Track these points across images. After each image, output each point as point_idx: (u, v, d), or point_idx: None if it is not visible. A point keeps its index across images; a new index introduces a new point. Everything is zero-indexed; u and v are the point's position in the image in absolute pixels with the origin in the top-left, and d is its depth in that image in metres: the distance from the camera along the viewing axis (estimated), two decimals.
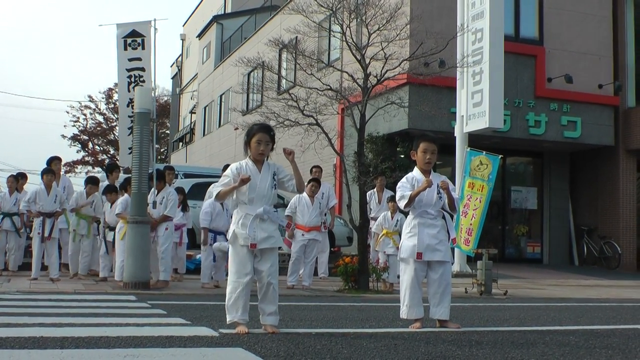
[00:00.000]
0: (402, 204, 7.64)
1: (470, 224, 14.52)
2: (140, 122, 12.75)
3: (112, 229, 13.63)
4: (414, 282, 7.56)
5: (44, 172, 13.95)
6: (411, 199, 7.54)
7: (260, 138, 6.85)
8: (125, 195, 13.58)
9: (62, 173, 15.76)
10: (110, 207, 13.77)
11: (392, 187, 15.61)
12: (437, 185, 7.63)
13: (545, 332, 7.56)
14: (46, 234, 13.59)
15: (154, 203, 14.07)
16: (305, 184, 13.73)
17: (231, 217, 12.99)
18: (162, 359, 5.01)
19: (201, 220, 13.31)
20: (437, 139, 7.94)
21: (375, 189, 15.45)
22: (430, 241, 7.55)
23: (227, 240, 13.09)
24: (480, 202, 14.69)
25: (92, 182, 14.67)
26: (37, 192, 13.84)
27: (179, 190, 14.16)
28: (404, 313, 7.59)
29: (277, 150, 7.13)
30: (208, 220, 13.21)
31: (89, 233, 14.21)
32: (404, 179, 7.76)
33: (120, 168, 16.73)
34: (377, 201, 15.30)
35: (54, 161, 15.12)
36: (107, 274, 13.71)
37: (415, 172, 7.80)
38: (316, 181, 13.96)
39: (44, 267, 13.86)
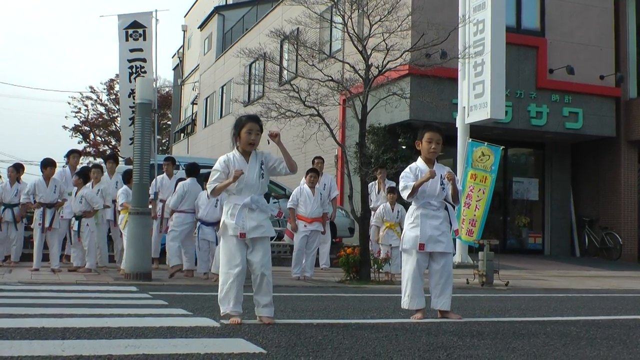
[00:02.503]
0: (405, 194, 7.62)
1: (474, 215, 14.51)
2: (142, 113, 12.74)
3: (78, 217, 13.61)
4: (416, 272, 7.56)
5: (44, 165, 13.91)
6: (414, 190, 7.53)
7: (250, 127, 6.82)
8: (125, 186, 13.62)
9: (78, 166, 15.71)
10: (75, 194, 13.71)
11: (394, 178, 15.65)
12: (441, 176, 7.62)
13: (546, 323, 7.56)
14: (47, 225, 13.58)
15: (156, 194, 14.12)
16: (305, 175, 13.78)
17: (221, 208, 13.15)
18: (164, 350, 5.01)
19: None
20: (442, 129, 7.90)
21: (376, 181, 15.45)
22: (433, 232, 7.54)
23: (214, 233, 13.29)
24: (483, 193, 14.68)
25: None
26: (36, 183, 13.84)
27: (181, 180, 14.17)
28: (405, 303, 7.59)
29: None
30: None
31: (98, 223, 14.19)
32: (407, 169, 7.74)
33: (121, 158, 16.77)
34: (377, 192, 15.28)
35: (72, 154, 15.21)
36: (79, 263, 13.69)
37: (419, 163, 7.77)
38: (314, 171, 13.95)
39: (45, 258, 13.88)
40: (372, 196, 15.18)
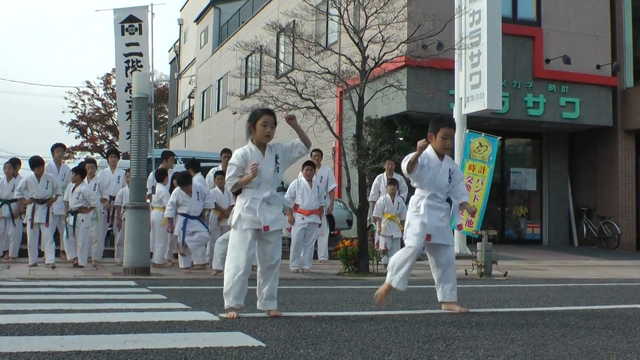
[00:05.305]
0: (404, 165, 7.42)
1: (473, 206, 14.51)
2: (139, 107, 12.72)
3: (74, 213, 13.61)
4: (414, 258, 7.48)
5: (32, 165, 13.87)
6: (412, 163, 7.35)
7: (266, 120, 6.78)
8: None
9: (63, 161, 15.67)
10: (73, 189, 13.70)
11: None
12: (449, 170, 7.52)
13: (545, 313, 7.57)
14: (36, 220, 13.52)
15: (153, 188, 14.12)
16: (301, 168, 13.77)
17: (202, 200, 13.23)
18: (163, 344, 5.01)
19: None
20: (454, 123, 7.82)
21: (384, 173, 15.47)
22: (438, 224, 7.45)
23: (203, 224, 13.31)
24: (482, 183, 14.69)
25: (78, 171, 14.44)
26: (28, 180, 13.80)
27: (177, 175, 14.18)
28: (395, 282, 7.48)
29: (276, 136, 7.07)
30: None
31: (97, 218, 14.18)
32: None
33: (120, 153, 16.76)
34: (385, 184, 15.25)
35: (56, 148, 15.10)
36: (73, 256, 13.73)
37: (429, 151, 7.57)
38: (311, 164, 13.94)
39: (41, 254, 13.86)
40: (380, 188, 15.23)
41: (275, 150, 6.92)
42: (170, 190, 13.79)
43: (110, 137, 61.08)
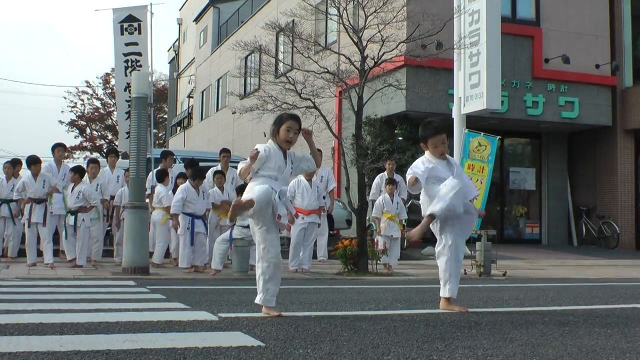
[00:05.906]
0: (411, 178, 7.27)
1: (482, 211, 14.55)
2: (138, 107, 12.73)
3: (73, 213, 13.59)
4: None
5: (29, 163, 13.87)
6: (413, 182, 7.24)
7: (290, 125, 6.83)
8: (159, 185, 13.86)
9: (63, 160, 15.63)
10: (72, 189, 13.69)
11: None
12: (450, 163, 7.44)
13: (544, 313, 7.56)
14: (33, 220, 13.50)
15: (152, 187, 14.11)
16: None
17: (206, 200, 13.22)
18: (162, 344, 5.00)
19: (173, 207, 13.31)
20: (443, 126, 7.62)
21: (385, 172, 15.47)
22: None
23: (205, 224, 13.31)
24: (481, 183, 14.71)
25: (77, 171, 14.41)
26: (25, 181, 13.79)
27: (181, 174, 14.17)
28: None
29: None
30: (179, 206, 13.18)
31: (99, 218, 14.17)
32: (419, 161, 7.44)
33: (119, 153, 16.76)
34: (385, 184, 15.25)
35: (57, 148, 15.10)
36: (73, 256, 13.72)
37: (428, 156, 7.43)
38: None
39: (40, 254, 13.84)
40: (382, 187, 15.22)
41: (291, 156, 6.98)
42: (173, 191, 13.77)
43: (110, 137, 61.06)
